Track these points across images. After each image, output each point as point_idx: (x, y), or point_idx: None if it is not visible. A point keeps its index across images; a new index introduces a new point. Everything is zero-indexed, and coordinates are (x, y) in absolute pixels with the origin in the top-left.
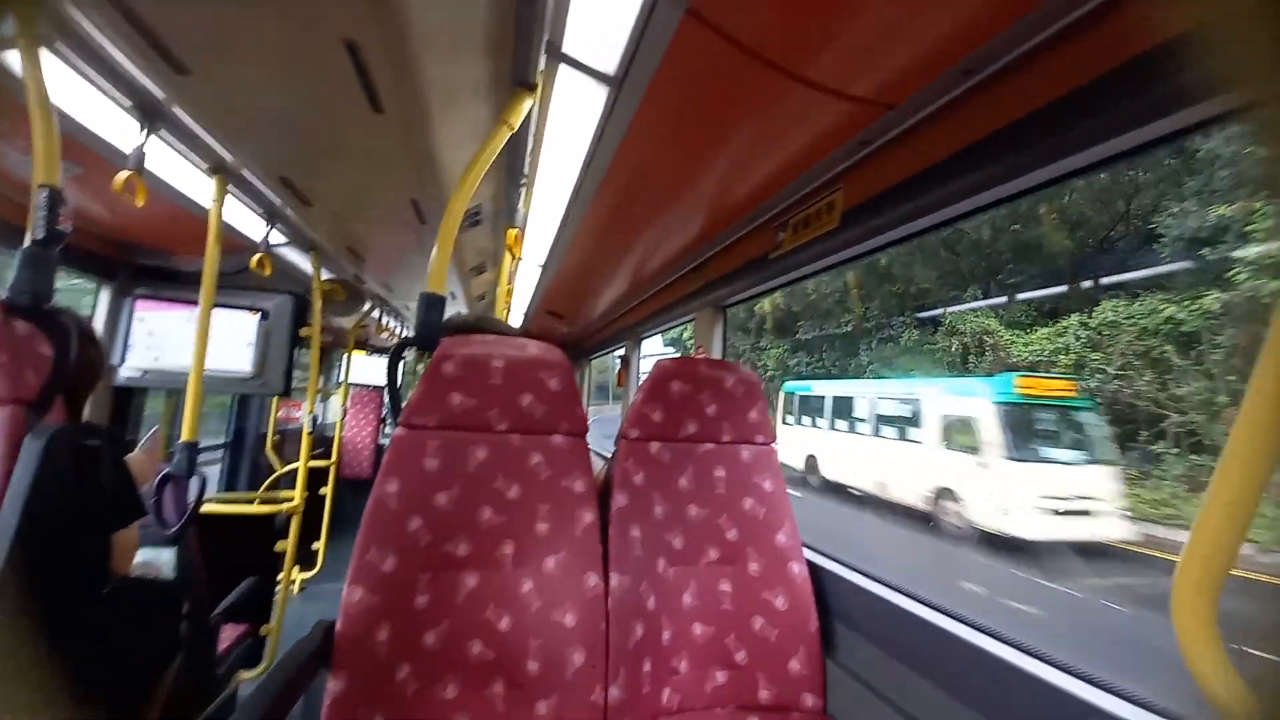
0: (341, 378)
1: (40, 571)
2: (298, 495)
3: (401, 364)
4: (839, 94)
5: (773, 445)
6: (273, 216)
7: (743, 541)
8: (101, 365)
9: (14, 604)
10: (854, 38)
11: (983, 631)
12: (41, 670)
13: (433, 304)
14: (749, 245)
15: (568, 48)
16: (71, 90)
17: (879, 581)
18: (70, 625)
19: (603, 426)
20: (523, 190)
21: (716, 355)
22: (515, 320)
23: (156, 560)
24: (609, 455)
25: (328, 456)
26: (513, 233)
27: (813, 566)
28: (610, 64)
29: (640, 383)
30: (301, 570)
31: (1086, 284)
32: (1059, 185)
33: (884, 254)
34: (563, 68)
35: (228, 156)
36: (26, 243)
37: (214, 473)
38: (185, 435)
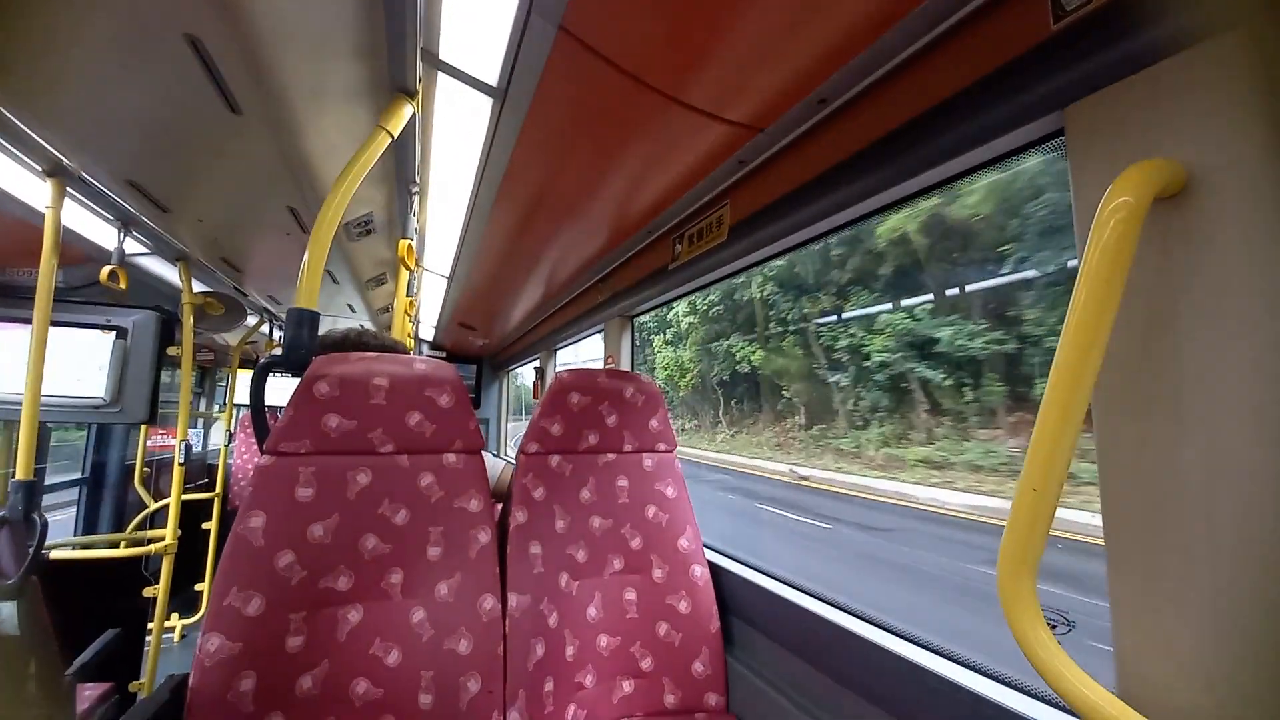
0: (227, 399)
1: None
2: (169, 533)
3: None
4: (715, 117)
5: (674, 453)
6: (127, 224)
7: (646, 549)
8: None
9: None
10: (724, 63)
11: (879, 626)
12: None
13: (302, 321)
14: (650, 257)
15: (445, 55)
16: None
17: (777, 579)
18: None
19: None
20: (415, 199)
21: (626, 365)
22: (426, 333)
23: None
24: None
25: (210, 488)
26: (404, 244)
27: (714, 568)
28: (491, 75)
29: None
30: (181, 617)
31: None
32: (903, 205)
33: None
34: (443, 76)
35: (64, 159)
36: None
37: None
38: (20, 474)
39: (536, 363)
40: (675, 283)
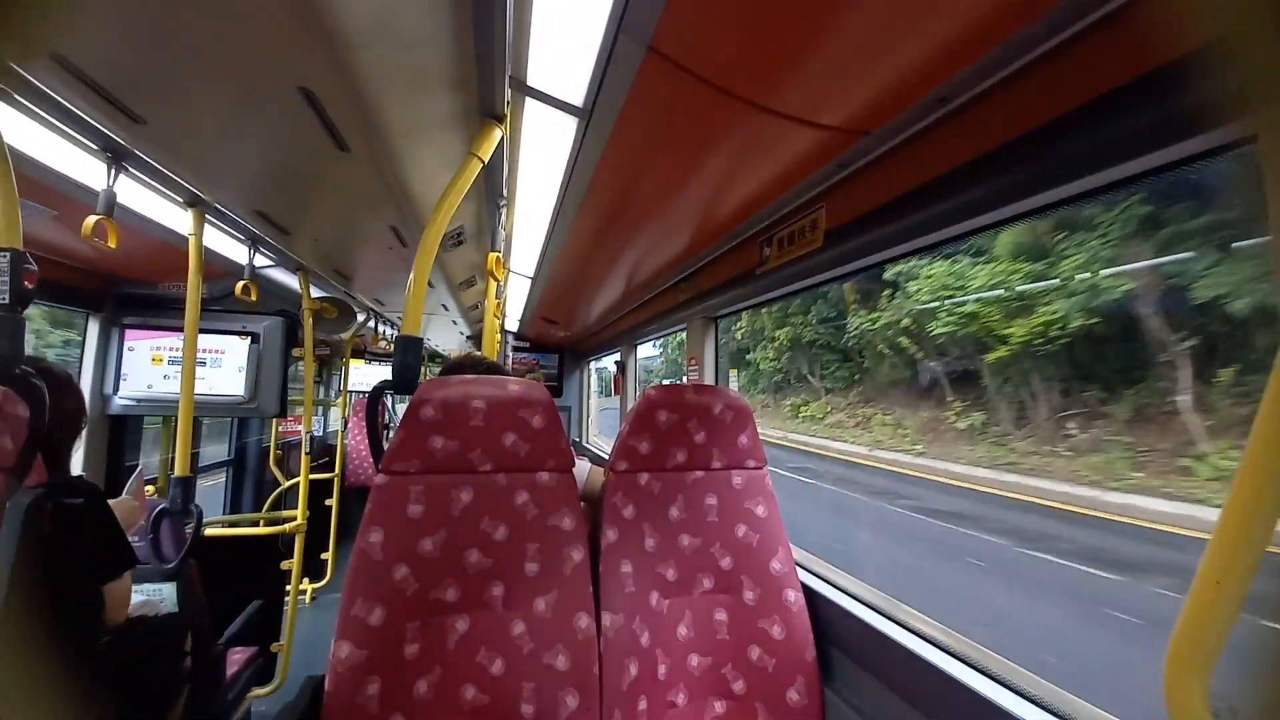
0: (341, 386)
1: (32, 636)
2: (300, 514)
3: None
4: (810, 123)
5: (764, 469)
6: (255, 242)
7: (737, 570)
8: (82, 414)
9: (8, 672)
10: (823, 68)
11: (993, 679)
12: None
13: (409, 347)
14: (736, 259)
15: (533, 81)
16: (37, 137)
17: (881, 614)
18: (68, 684)
19: (606, 417)
20: (503, 211)
21: (709, 365)
22: (510, 324)
23: (158, 597)
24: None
25: (331, 467)
26: (493, 256)
27: (808, 592)
28: (577, 97)
29: (635, 387)
30: (311, 581)
31: None
32: (1036, 216)
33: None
34: (530, 100)
35: (200, 193)
36: None
37: (220, 487)
38: (178, 470)
39: (617, 356)
40: (763, 287)
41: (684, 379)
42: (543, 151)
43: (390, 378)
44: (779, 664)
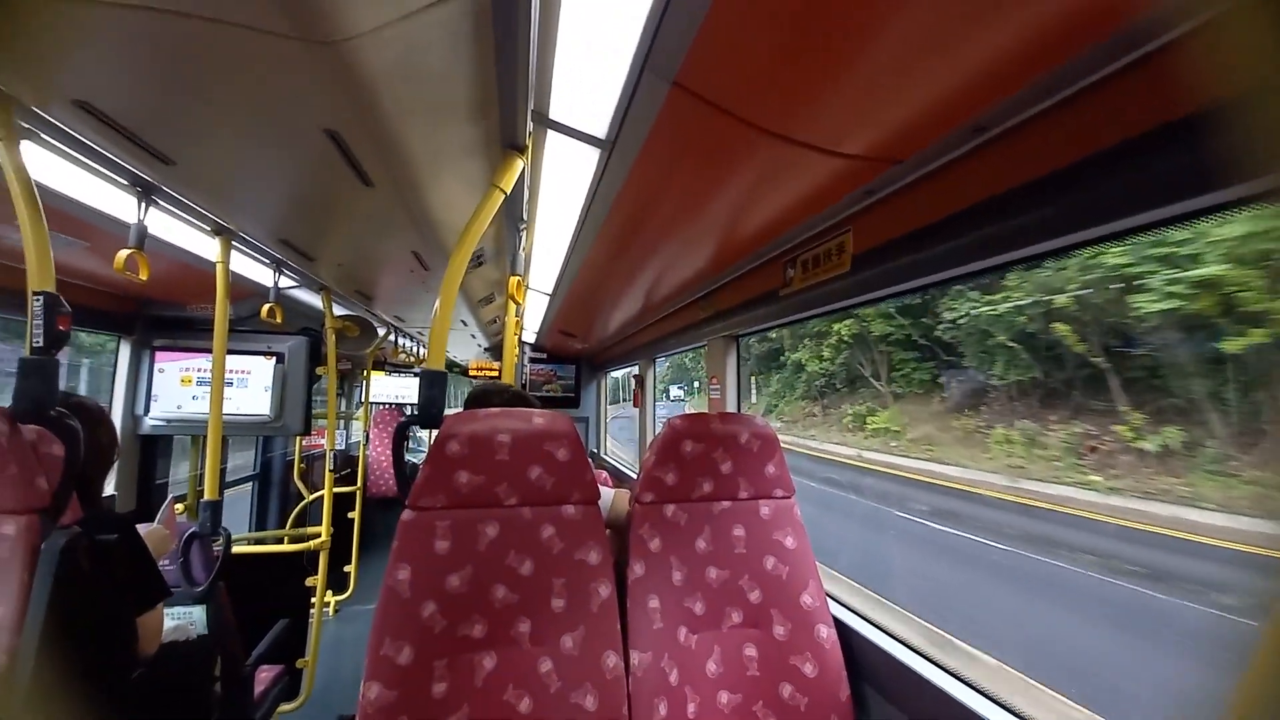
0: (362, 398)
1: (68, 671)
2: (324, 531)
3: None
4: (835, 153)
5: (793, 499)
6: (279, 266)
7: (766, 603)
8: (114, 446)
9: (46, 706)
10: (847, 100)
11: None
12: None
13: (434, 382)
14: (759, 280)
15: (555, 114)
16: (67, 173)
17: (917, 652)
18: (109, 712)
19: (624, 424)
20: (522, 235)
21: (731, 384)
22: (528, 336)
23: (188, 620)
24: (626, 462)
25: (353, 479)
26: (514, 280)
27: (841, 627)
28: (599, 129)
29: (654, 402)
30: (335, 594)
31: None
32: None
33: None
34: (552, 133)
35: (225, 223)
36: (25, 352)
37: (245, 496)
38: (207, 495)
39: (634, 369)
40: (787, 309)
41: (681, 396)
42: (563, 180)
43: (415, 407)
44: (811, 703)
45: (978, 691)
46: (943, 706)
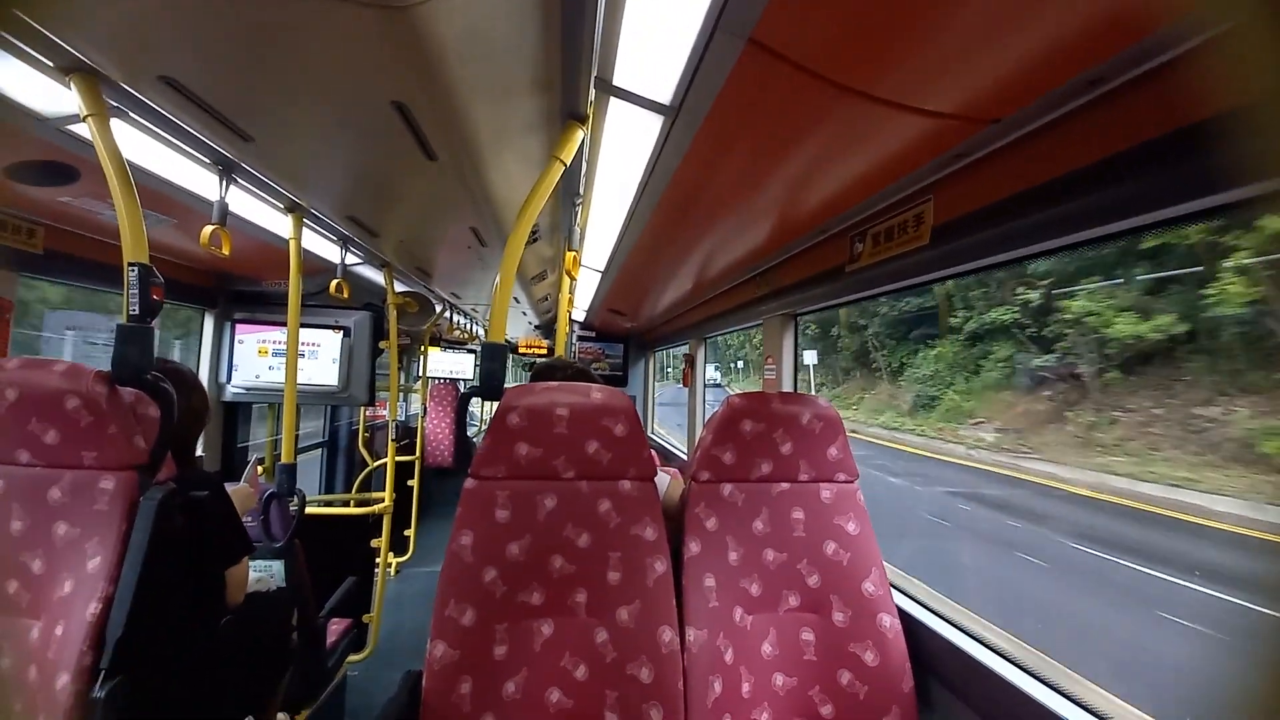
0: (420, 372)
1: (164, 620)
2: (387, 497)
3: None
4: (922, 111)
5: (856, 484)
6: (346, 243)
7: (825, 589)
8: (206, 410)
9: (144, 652)
10: (941, 52)
11: None
12: (179, 697)
13: (495, 354)
14: (822, 255)
15: (619, 80)
16: (153, 150)
17: (990, 648)
18: (196, 662)
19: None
20: (578, 209)
21: (788, 364)
22: (577, 314)
23: (268, 573)
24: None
25: (412, 449)
26: (571, 256)
27: (905, 617)
28: (665, 94)
29: (703, 383)
30: (395, 556)
31: None
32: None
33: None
34: (614, 100)
35: (299, 200)
36: (123, 319)
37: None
38: (285, 458)
39: (684, 348)
40: (852, 285)
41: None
42: (623, 149)
43: (476, 380)
44: (871, 692)
45: (1062, 695)
46: (1019, 706)
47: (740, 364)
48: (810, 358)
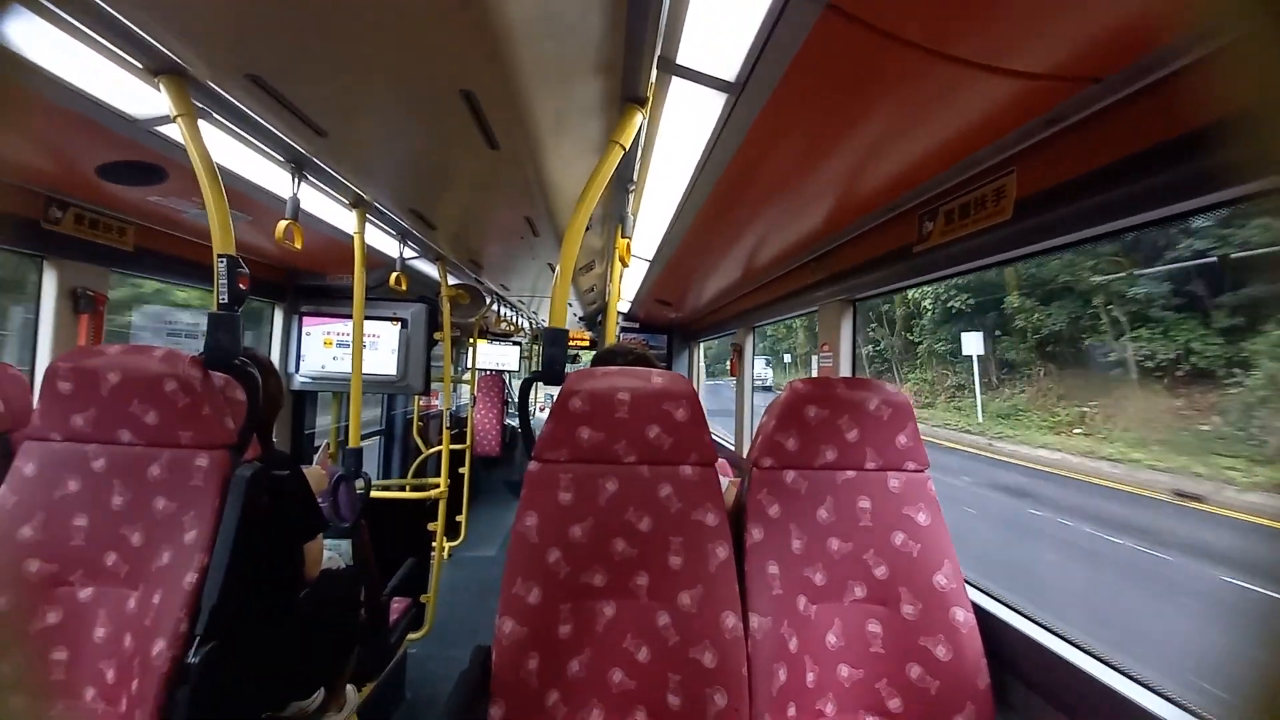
0: (469, 364)
1: (253, 587)
2: (442, 482)
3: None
4: (1010, 71)
5: (927, 473)
6: (404, 237)
7: (894, 580)
8: (282, 395)
9: (236, 616)
10: (1041, 5)
11: None
12: (263, 665)
13: (556, 339)
14: (885, 236)
15: (682, 59)
16: (237, 153)
17: (1076, 646)
18: (280, 627)
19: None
20: (631, 196)
21: (845, 353)
22: (622, 306)
23: (337, 552)
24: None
25: (463, 438)
26: (624, 243)
27: (980, 612)
28: (730, 71)
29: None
30: (448, 540)
31: None
32: None
33: None
34: (676, 80)
35: (364, 194)
36: (214, 307)
37: (373, 448)
38: (351, 443)
39: (732, 338)
40: (919, 267)
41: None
42: (681, 131)
43: (520, 371)
44: (943, 687)
45: (1153, 691)
46: (1107, 703)
47: (788, 358)
48: (975, 343)
